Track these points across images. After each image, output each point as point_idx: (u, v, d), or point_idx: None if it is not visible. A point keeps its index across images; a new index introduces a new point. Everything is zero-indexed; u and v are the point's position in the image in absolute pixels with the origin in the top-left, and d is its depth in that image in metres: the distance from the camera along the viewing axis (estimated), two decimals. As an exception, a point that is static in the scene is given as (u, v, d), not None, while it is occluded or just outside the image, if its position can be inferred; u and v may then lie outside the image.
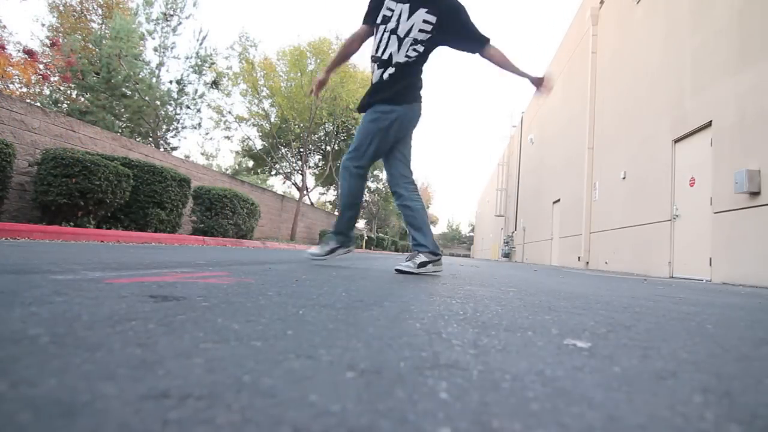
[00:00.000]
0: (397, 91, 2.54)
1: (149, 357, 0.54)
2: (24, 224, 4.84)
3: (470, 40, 2.57)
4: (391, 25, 2.51)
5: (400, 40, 2.50)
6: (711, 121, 6.09)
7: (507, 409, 0.45)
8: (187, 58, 16.16)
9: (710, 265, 5.84)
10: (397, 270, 2.61)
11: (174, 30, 15.94)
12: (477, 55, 2.61)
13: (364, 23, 2.65)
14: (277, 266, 2.52)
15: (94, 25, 17.52)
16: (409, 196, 2.67)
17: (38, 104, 10.41)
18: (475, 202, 51.42)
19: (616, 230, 9.24)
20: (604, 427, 0.41)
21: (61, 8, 17.31)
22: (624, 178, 9.02)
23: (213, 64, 16.65)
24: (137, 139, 14.59)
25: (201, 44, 16.30)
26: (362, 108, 2.66)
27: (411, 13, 2.49)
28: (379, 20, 2.56)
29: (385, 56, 2.53)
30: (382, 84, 2.57)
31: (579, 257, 11.14)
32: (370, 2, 2.63)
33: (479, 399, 0.47)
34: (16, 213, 6.24)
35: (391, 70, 2.53)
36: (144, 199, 7.01)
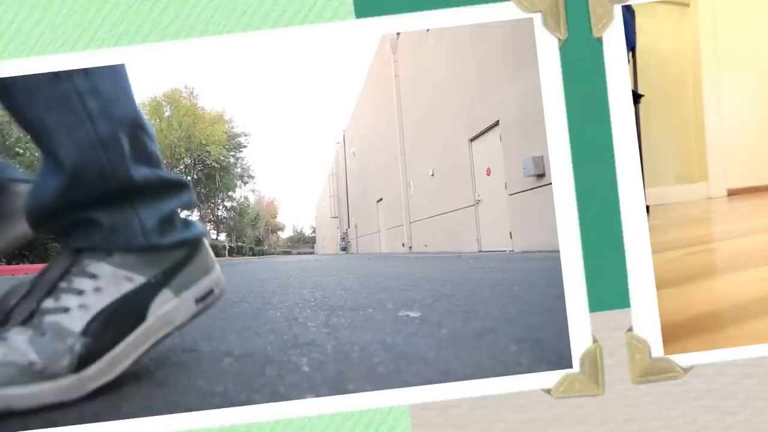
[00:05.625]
0: None
1: None
2: None
3: None
4: None
5: None
6: (498, 120, 7.40)
7: (359, 374, 0.50)
8: None
9: (511, 238, 7.07)
10: None
11: None
12: None
13: None
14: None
15: None
16: None
17: None
18: (314, 207, 51.65)
19: (431, 218, 10.63)
20: (439, 380, 0.48)
21: None
22: (432, 174, 10.47)
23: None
24: None
25: None
26: None
27: None
28: None
29: None
30: None
31: (403, 243, 12.51)
32: None
33: (335, 369, 0.53)
34: None
35: None
36: None
